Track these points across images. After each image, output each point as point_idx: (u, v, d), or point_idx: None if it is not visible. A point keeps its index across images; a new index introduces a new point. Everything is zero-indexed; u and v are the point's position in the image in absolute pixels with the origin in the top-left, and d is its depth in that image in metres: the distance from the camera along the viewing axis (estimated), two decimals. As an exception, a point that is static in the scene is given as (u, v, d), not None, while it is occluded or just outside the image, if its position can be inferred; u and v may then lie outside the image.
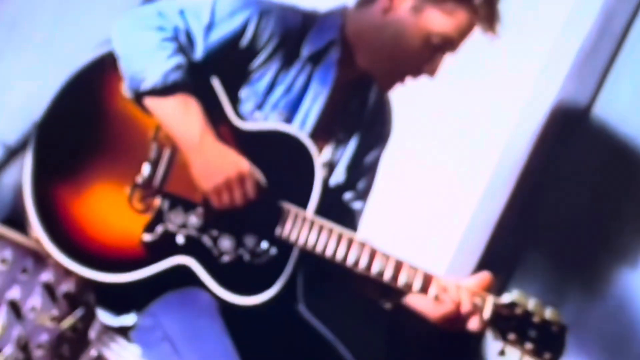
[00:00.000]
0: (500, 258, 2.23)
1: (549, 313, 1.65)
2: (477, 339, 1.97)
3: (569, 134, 2.22)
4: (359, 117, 1.82)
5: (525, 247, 2.24)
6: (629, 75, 2.21)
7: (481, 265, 2.23)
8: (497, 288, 1.66)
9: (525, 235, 2.24)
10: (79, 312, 1.89)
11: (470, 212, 2.31)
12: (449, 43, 1.70)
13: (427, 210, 2.34)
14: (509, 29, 2.22)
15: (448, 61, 1.75)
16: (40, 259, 1.85)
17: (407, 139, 2.17)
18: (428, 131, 2.36)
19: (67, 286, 1.88)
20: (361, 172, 1.85)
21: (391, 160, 1.98)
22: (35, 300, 1.89)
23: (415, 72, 1.72)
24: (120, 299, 1.63)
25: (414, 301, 1.66)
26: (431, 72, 1.72)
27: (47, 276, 1.88)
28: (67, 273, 1.86)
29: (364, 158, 1.85)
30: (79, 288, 1.89)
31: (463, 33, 1.70)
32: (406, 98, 1.93)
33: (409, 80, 1.75)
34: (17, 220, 1.90)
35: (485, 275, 1.63)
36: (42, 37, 2.09)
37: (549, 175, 2.22)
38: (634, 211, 2.12)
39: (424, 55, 1.70)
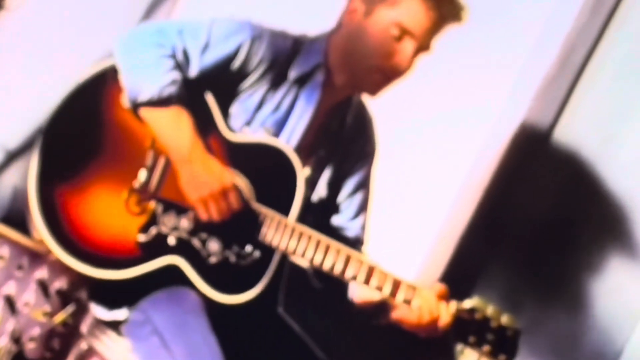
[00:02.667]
0: (465, 268, 2.40)
1: (505, 318, 1.80)
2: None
3: (531, 154, 2.41)
4: (339, 138, 1.95)
5: (489, 258, 2.42)
6: (588, 102, 2.41)
7: (447, 275, 2.39)
8: (462, 295, 1.81)
9: (488, 247, 2.42)
10: (70, 308, 2.01)
11: (438, 225, 2.47)
12: (409, 33, 1.80)
13: (397, 223, 2.48)
14: (479, 52, 2.41)
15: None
16: (36, 256, 1.97)
17: (388, 146, 2.35)
18: (398, 147, 2.49)
19: (60, 283, 2.00)
20: (351, 189, 1.98)
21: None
22: (30, 296, 2.00)
23: (388, 69, 1.81)
24: (114, 295, 1.76)
25: (401, 316, 1.75)
26: (402, 64, 1.80)
27: (41, 273, 1.99)
28: (61, 271, 1.99)
29: (348, 176, 1.98)
30: (71, 285, 2.00)
31: (421, 22, 1.79)
32: (379, 115, 2.08)
33: (390, 79, 1.84)
34: (14, 219, 2.02)
35: (441, 286, 1.76)
36: (43, 47, 2.22)
37: (512, 192, 2.40)
38: (589, 229, 2.30)
39: (388, 51, 1.80)
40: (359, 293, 1.85)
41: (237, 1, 2.41)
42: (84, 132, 1.77)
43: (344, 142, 1.96)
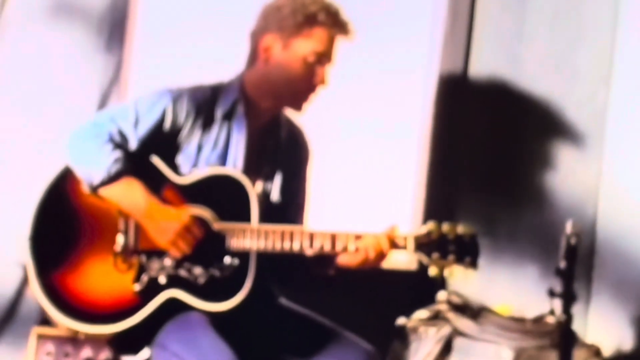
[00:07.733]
0: (441, 206, 2.65)
1: (460, 228, 2.03)
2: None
3: (457, 94, 2.66)
4: (278, 152, 2.23)
5: (458, 191, 2.66)
6: (487, 35, 2.68)
7: (429, 216, 2.64)
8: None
9: (454, 182, 2.67)
10: (118, 371, 2.31)
11: (410, 180, 2.76)
12: (323, 55, 2.12)
13: (377, 186, 2.82)
14: (391, 35, 2.72)
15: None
16: (75, 340, 2.28)
17: (343, 139, 2.72)
18: (357, 127, 2.86)
19: (104, 354, 2.31)
20: (295, 190, 2.25)
21: (340, 159, 2.53)
22: (83, 375, 2.32)
23: (311, 88, 2.15)
24: (134, 341, 2.05)
25: (346, 261, 2.05)
26: (322, 82, 2.14)
27: (86, 353, 2.30)
28: (100, 344, 2.30)
29: (293, 179, 2.25)
30: (113, 352, 2.30)
31: (327, 44, 2.13)
32: (338, 109, 2.38)
33: (312, 96, 2.17)
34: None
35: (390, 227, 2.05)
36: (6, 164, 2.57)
37: (454, 130, 2.66)
38: (527, 133, 2.55)
39: (309, 74, 2.13)
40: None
41: (178, 70, 2.75)
42: (62, 223, 2.08)
43: (284, 154, 2.24)
